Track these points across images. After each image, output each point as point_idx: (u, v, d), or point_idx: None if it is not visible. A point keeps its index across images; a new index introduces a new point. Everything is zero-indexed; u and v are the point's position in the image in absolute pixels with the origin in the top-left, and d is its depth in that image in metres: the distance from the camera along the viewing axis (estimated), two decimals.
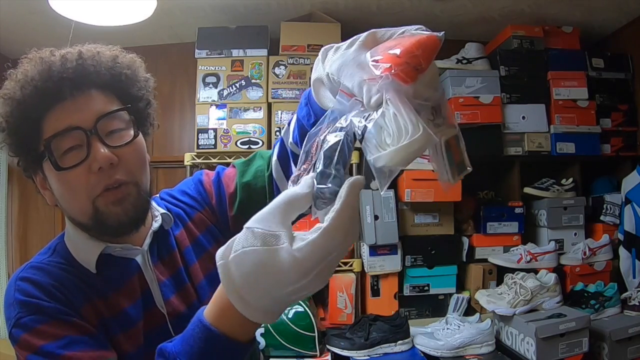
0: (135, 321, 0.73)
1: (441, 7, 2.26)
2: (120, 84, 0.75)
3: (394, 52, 0.50)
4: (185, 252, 0.82)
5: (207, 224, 0.86)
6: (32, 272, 0.69)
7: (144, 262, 0.76)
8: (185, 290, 0.79)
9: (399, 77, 0.48)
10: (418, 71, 0.49)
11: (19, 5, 2.01)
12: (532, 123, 2.28)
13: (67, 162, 0.68)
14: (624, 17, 2.38)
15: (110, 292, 0.72)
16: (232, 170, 0.87)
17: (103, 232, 0.72)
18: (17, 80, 0.70)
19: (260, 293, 0.46)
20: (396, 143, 0.47)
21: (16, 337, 0.64)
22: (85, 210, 0.70)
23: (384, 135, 0.48)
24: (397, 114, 0.47)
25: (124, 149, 0.71)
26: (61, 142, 0.68)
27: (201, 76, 2.26)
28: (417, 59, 0.49)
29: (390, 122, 0.47)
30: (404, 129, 0.46)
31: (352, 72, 0.52)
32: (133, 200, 0.71)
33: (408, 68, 0.48)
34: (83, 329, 0.66)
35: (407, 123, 0.46)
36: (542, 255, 2.14)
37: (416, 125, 0.46)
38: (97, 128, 0.69)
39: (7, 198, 2.57)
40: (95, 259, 0.72)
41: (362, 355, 1.93)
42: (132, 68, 0.77)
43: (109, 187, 0.69)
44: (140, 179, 0.73)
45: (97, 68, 0.72)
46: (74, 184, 0.69)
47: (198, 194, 0.87)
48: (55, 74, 0.68)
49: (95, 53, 0.73)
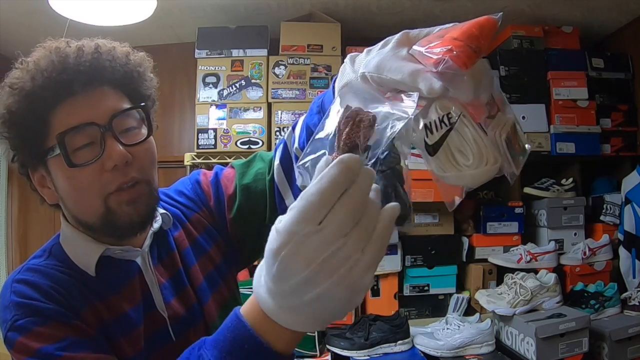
0: (136, 325, 0.71)
1: (441, 7, 2.26)
2: (131, 82, 0.73)
3: (450, 35, 0.47)
4: (184, 253, 0.81)
5: (205, 225, 0.84)
6: (28, 274, 0.67)
7: (144, 264, 0.75)
8: (185, 292, 0.78)
9: (460, 59, 0.45)
10: (477, 54, 0.46)
11: (19, 5, 2.01)
12: (532, 123, 2.28)
13: (79, 159, 0.65)
14: (624, 17, 2.38)
15: (110, 295, 0.70)
16: (230, 171, 0.85)
17: (110, 233, 0.70)
18: (28, 70, 0.66)
19: (266, 284, 0.42)
20: (476, 166, 0.47)
21: (12, 340, 0.61)
22: (95, 209, 0.68)
23: (454, 150, 0.48)
24: (476, 136, 0.47)
25: (137, 148, 0.69)
26: (74, 138, 0.65)
27: (201, 76, 2.26)
28: (476, 40, 0.46)
29: (470, 141, 0.47)
30: (484, 154, 0.47)
31: (398, 65, 0.49)
32: (146, 200, 0.70)
33: (469, 50, 0.46)
34: (83, 331, 0.63)
35: (488, 151, 0.47)
36: (542, 255, 2.14)
37: (495, 155, 0.47)
38: (112, 125, 0.67)
39: (7, 198, 2.57)
40: (95, 262, 0.70)
41: (362, 355, 1.92)
42: (143, 67, 0.76)
43: (123, 185, 0.67)
44: (153, 178, 0.72)
45: (112, 64, 0.70)
46: (85, 182, 0.66)
47: (195, 194, 0.86)
48: (71, 67, 0.66)
49: (111, 48, 0.71)
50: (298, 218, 0.39)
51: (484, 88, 0.49)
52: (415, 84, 0.47)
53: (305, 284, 0.39)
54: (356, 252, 0.39)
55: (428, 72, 0.47)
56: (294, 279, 0.39)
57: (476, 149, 0.47)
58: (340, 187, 0.39)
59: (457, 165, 0.48)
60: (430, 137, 0.49)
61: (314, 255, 0.39)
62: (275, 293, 0.41)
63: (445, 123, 0.48)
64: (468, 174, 0.47)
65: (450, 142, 0.48)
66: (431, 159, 0.50)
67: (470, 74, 0.47)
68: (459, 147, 0.48)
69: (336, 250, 0.39)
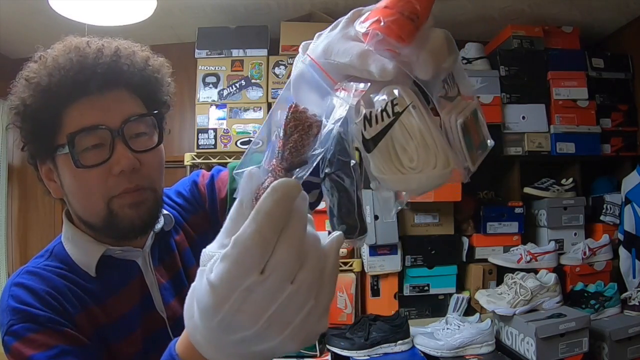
0: (134, 328, 0.71)
1: (441, 7, 2.26)
2: (148, 87, 0.73)
3: (382, 4, 0.39)
4: (184, 254, 0.81)
5: (203, 226, 0.85)
6: (27, 277, 0.67)
7: (144, 264, 0.75)
8: (185, 293, 0.77)
9: (392, 31, 0.37)
10: (414, 22, 0.38)
11: (20, 5, 2.01)
12: (532, 123, 2.28)
13: (87, 160, 0.66)
14: (624, 17, 2.38)
15: (109, 296, 0.70)
16: (226, 174, 0.85)
17: (111, 235, 0.70)
18: (46, 65, 0.67)
19: (200, 332, 0.37)
20: (421, 168, 0.38)
21: (8, 345, 0.63)
22: (98, 211, 0.68)
23: (398, 147, 0.38)
24: (425, 131, 0.37)
25: (146, 154, 0.69)
26: (84, 139, 0.65)
27: (201, 76, 2.26)
28: (410, 5, 0.38)
29: (416, 137, 0.38)
30: (433, 153, 0.38)
31: (346, 46, 0.42)
32: (149, 206, 0.70)
33: (401, 19, 0.37)
34: (75, 340, 0.64)
35: (438, 151, 0.38)
36: (542, 255, 2.14)
37: (446, 156, 0.38)
38: (123, 130, 0.66)
39: (7, 198, 2.57)
40: (96, 262, 0.71)
41: (362, 355, 1.92)
42: (161, 72, 0.76)
43: (128, 190, 0.67)
44: (159, 185, 0.72)
45: (130, 68, 0.70)
46: (90, 183, 0.67)
47: (192, 196, 0.86)
48: (89, 67, 0.66)
49: (131, 52, 0.71)
50: (237, 270, 0.33)
51: (446, 64, 0.42)
52: (366, 66, 0.40)
53: (254, 339, 0.35)
54: (309, 299, 0.34)
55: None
56: (240, 334, 0.34)
57: (422, 147, 0.38)
58: (280, 224, 0.33)
59: (399, 167, 0.39)
60: (368, 130, 0.40)
61: (261, 311, 0.33)
62: (217, 344, 0.36)
63: (389, 113, 0.39)
64: (412, 178, 0.38)
65: (394, 137, 0.39)
66: (368, 156, 0.41)
67: (429, 49, 0.39)
68: (403, 143, 0.39)
69: (286, 301, 0.33)
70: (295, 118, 0.38)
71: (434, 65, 0.39)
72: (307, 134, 0.37)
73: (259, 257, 0.33)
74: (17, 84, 0.69)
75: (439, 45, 0.40)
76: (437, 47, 0.40)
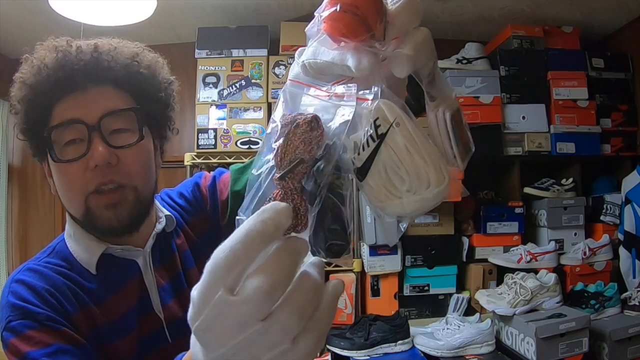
0: (130, 328, 0.71)
1: (441, 7, 2.26)
2: (136, 83, 0.73)
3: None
4: (184, 255, 0.81)
5: (203, 229, 0.85)
6: (28, 274, 0.68)
7: (144, 265, 0.75)
8: (184, 295, 0.78)
9: (335, 30, 0.36)
10: (359, 17, 0.36)
11: (20, 6, 2.01)
12: (532, 123, 2.28)
13: (66, 155, 0.67)
14: (624, 17, 2.38)
15: (107, 296, 0.71)
16: (227, 176, 0.85)
17: (94, 232, 0.71)
18: (33, 65, 0.69)
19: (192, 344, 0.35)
20: (414, 190, 0.36)
21: (6, 340, 0.63)
22: (78, 207, 0.69)
23: (389, 171, 0.36)
24: (412, 149, 0.35)
25: (125, 151, 0.69)
26: (62, 134, 0.67)
27: (201, 76, 2.26)
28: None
29: (403, 156, 0.35)
30: (423, 170, 0.35)
31: (330, 44, 0.42)
32: (129, 206, 0.69)
33: (342, 15, 0.36)
34: (71, 339, 0.64)
35: (428, 167, 0.35)
36: (542, 255, 2.14)
37: (440, 172, 0.35)
38: (100, 125, 0.67)
39: (7, 198, 2.57)
40: (96, 260, 0.71)
41: (362, 355, 1.92)
42: (151, 68, 0.75)
43: (102, 186, 0.67)
44: (140, 184, 0.71)
45: (111, 64, 0.70)
46: (70, 177, 0.68)
47: (194, 198, 0.86)
48: (69, 64, 0.67)
49: (112, 48, 0.71)
50: (208, 282, 0.31)
51: (425, 61, 0.42)
52: (344, 61, 0.40)
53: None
54: (282, 341, 0.30)
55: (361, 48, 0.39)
56: (212, 354, 0.32)
57: (411, 167, 0.35)
58: (257, 245, 0.31)
59: (393, 191, 0.37)
60: (357, 158, 0.37)
61: (228, 335, 0.30)
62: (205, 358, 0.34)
63: (373, 137, 0.37)
64: (407, 201, 0.36)
65: (383, 161, 0.36)
66: (362, 185, 0.38)
67: (408, 46, 0.39)
68: (392, 166, 0.36)
69: (253, 336, 0.30)
70: (282, 124, 0.37)
71: (412, 62, 0.39)
72: (294, 135, 0.35)
73: (225, 272, 0.30)
74: (14, 85, 0.71)
75: (418, 43, 0.40)
76: (415, 44, 0.40)
